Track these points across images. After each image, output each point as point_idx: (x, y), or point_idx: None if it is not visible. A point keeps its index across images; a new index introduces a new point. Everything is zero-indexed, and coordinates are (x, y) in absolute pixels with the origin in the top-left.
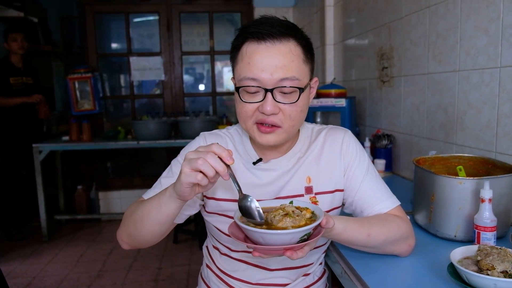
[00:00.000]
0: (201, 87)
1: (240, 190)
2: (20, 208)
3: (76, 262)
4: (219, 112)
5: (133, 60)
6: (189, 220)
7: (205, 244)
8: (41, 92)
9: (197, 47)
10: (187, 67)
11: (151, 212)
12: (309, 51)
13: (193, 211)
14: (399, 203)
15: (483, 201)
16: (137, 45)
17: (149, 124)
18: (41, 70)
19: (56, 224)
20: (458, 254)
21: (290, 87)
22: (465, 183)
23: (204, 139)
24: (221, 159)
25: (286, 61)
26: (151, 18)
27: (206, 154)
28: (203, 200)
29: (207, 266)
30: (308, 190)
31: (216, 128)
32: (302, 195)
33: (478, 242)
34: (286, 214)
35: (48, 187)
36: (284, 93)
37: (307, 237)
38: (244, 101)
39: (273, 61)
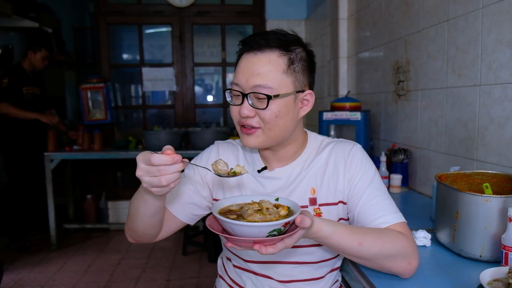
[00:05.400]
0: (212, 98)
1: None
2: (29, 219)
3: (84, 271)
4: (230, 124)
5: (145, 70)
6: (198, 232)
7: (220, 255)
8: (48, 103)
9: (208, 59)
10: (198, 78)
11: (140, 208)
12: (297, 64)
13: (201, 211)
14: (403, 220)
15: (511, 220)
16: (149, 56)
17: (160, 134)
18: (53, 80)
19: (64, 233)
20: (487, 275)
21: (261, 93)
22: (492, 201)
23: (217, 147)
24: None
25: (263, 70)
26: (163, 29)
27: (160, 173)
28: (212, 203)
29: (220, 276)
30: (312, 201)
31: (227, 139)
32: (306, 206)
33: (506, 263)
34: (259, 210)
35: (58, 195)
36: (259, 98)
37: (278, 233)
38: (231, 104)
39: (251, 68)
